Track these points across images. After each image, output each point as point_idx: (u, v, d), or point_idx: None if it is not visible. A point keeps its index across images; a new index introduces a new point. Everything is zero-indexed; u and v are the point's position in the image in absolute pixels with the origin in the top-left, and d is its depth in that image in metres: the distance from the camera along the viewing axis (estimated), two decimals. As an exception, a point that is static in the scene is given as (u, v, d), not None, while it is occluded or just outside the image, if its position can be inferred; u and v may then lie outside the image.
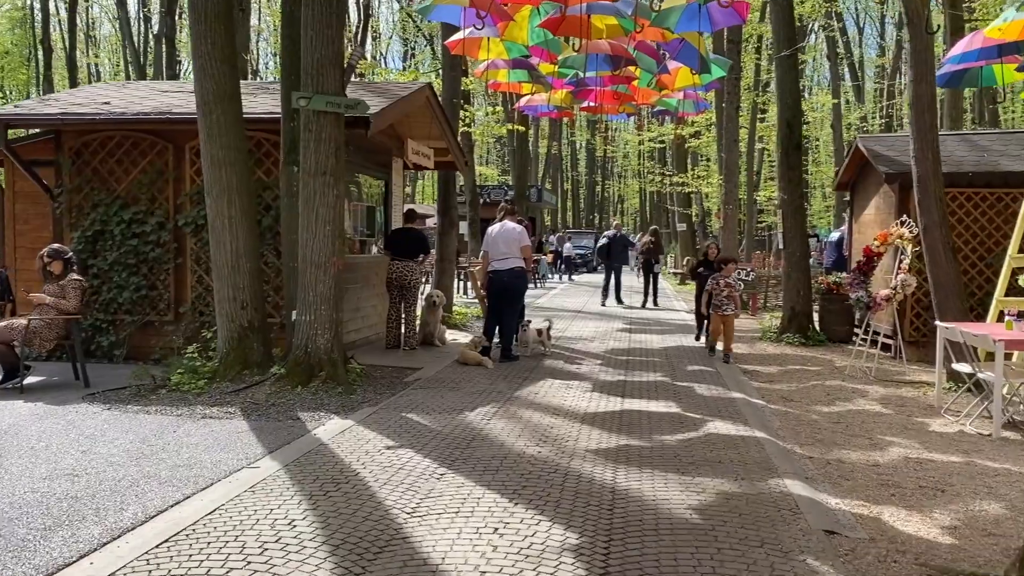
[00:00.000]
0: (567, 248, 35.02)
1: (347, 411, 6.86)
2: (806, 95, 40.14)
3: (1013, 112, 31.75)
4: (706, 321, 10.95)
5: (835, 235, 16.37)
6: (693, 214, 32.02)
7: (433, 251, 14.74)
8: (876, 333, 11.56)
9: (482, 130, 19.28)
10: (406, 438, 5.90)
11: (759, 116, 29.24)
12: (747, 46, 23.02)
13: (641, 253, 19.19)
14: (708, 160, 41.20)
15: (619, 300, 18.83)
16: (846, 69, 39.54)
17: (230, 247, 7.82)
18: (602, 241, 19.82)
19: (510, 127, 18.89)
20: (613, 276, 18.71)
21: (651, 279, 18.49)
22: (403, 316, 10.57)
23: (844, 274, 12.52)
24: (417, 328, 10.89)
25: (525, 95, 14.19)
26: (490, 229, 9.76)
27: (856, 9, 45.84)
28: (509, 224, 9.68)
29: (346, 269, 10.26)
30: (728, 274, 10.08)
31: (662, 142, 34.53)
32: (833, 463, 5.56)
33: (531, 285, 24.53)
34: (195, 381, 7.63)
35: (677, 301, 20.25)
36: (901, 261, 9.25)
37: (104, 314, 9.52)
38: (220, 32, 7.77)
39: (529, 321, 10.24)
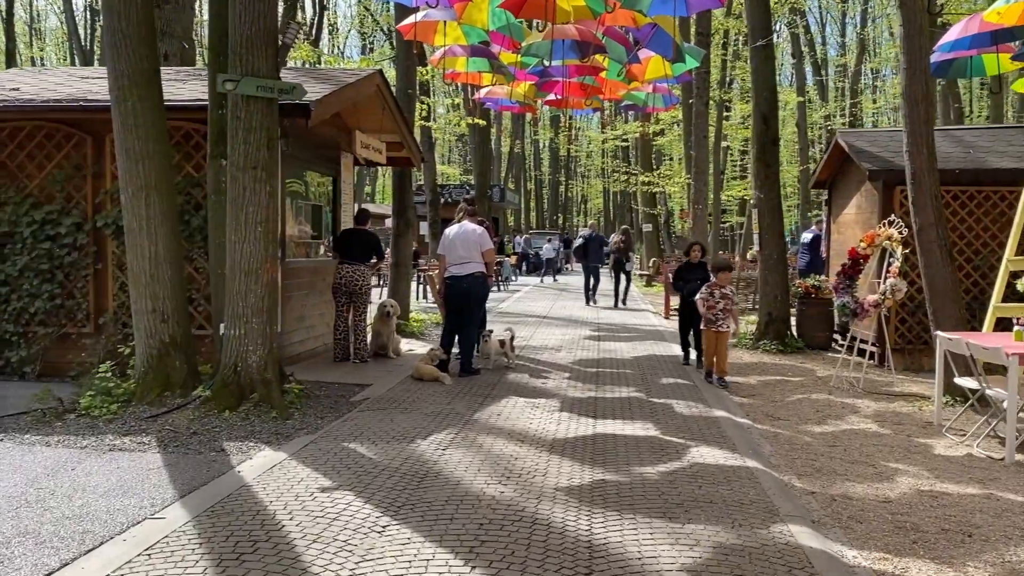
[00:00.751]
0: (547, 249, 35.15)
1: (281, 440, 5.97)
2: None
3: (980, 115, 31.81)
4: (691, 338, 9.84)
5: (807, 235, 15.81)
6: (659, 214, 31.49)
7: (389, 253, 13.86)
8: (858, 340, 10.97)
9: (441, 124, 18.42)
10: (346, 476, 5.04)
11: (724, 115, 28.81)
12: (714, 39, 22.46)
13: (612, 252, 19.16)
14: (671, 159, 40.81)
15: (592, 300, 18.79)
16: (809, 67, 39.38)
17: (148, 252, 6.87)
18: (578, 241, 19.78)
19: (470, 121, 18.04)
20: (592, 276, 18.83)
21: (621, 278, 18.48)
22: (354, 325, 9.69)
23: (822, 276, 11.92)
24: (369, 339, 10.00)
25: (485, 87, 13.41)
26: (447, 231, 8.92)
27: (819, 7, 45.81)
28: (468, 225, 8.85)
29: (289, 275, 9.36)
30: (724, 283, 8.71)
31: (626, 140, 33.96)
32: (839, 499, 4.82)
33: (494, 288, 23.73)
34: (107, 405, 6.66)
35: (644, 303, 19.58)
36: (890, 264, 8.62)
37: (13, 326, 8.48)
38: (136, 4, 6.82)
39: (491, 331, 9.42)
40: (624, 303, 18.33)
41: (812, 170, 37.46)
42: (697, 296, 8.75)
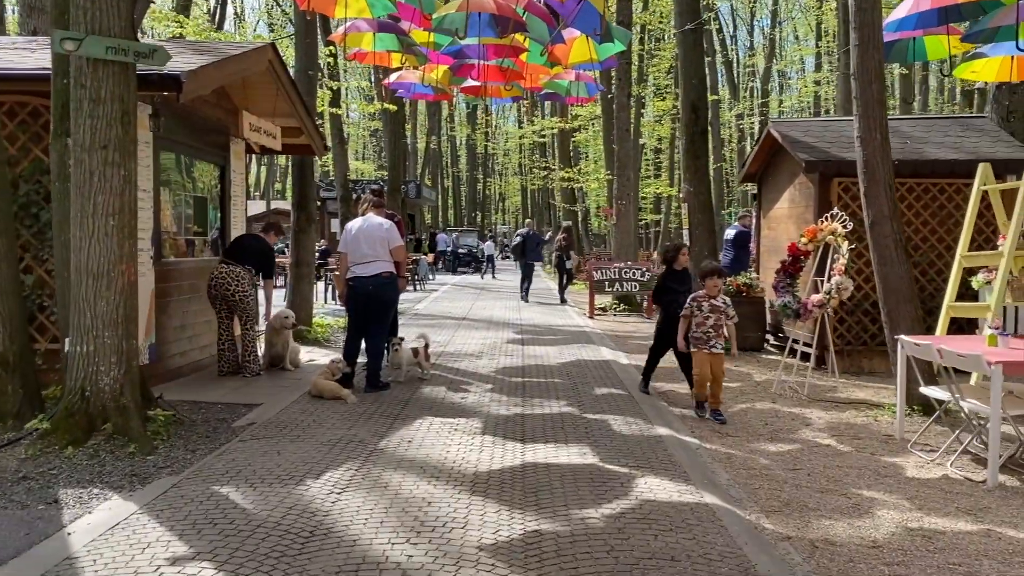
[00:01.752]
0: (487, 246, 34.90)
1: (135, 485, 4.79)
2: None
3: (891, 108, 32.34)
4: (666, 363, 8.16)
5: (730, 232, 15.30)
6: (579, 211, 30.93)
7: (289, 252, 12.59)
8: (793, 341, 10.40)
9: (349, 108, 17.14)
10: (209, 537, 3.92)
11: (639, 111, 28.42)
12: (632, 30, 21.87)
13: (555, 251, 19.47)
14: (587, 157, 40.40)
15: (524, 298, 19.19)
16: (722, 66, 39.60)
17: (-31, 251, 5.53)
18: (516, 239, 20.33)
19: (380, 106, 16.83)
20: (528, 274, 19.58)
21: (564, 276, 19.13)
22: (242, 334, 8.47)
23: (753, 273, 11.33)
24: (260, 350, 8.79)
25: (396, 70, 12.32)
26: (349, 225, 7.80)
27: (730, 8, 46.27)
28: (374, 218, 7.76)
29: (167, 277, 8.07)
30: (713, 293, 6.96)
31: (544, 136, 33.30)
32: (822, 547, 4.00)
33: (409, 288, 22.58)
34: (-87, 444, 5.32)
35: (567, 303, 18.80)
36: (835, 260, 8.00)
37: None
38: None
39: (401, 339, 8.36)
40: (564, 300, 18.82)
41: (737, 163, 37.72)
42: (683, 311, 7.09)
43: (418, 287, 23.13)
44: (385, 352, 8.15)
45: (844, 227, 7.98)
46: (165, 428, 5.84)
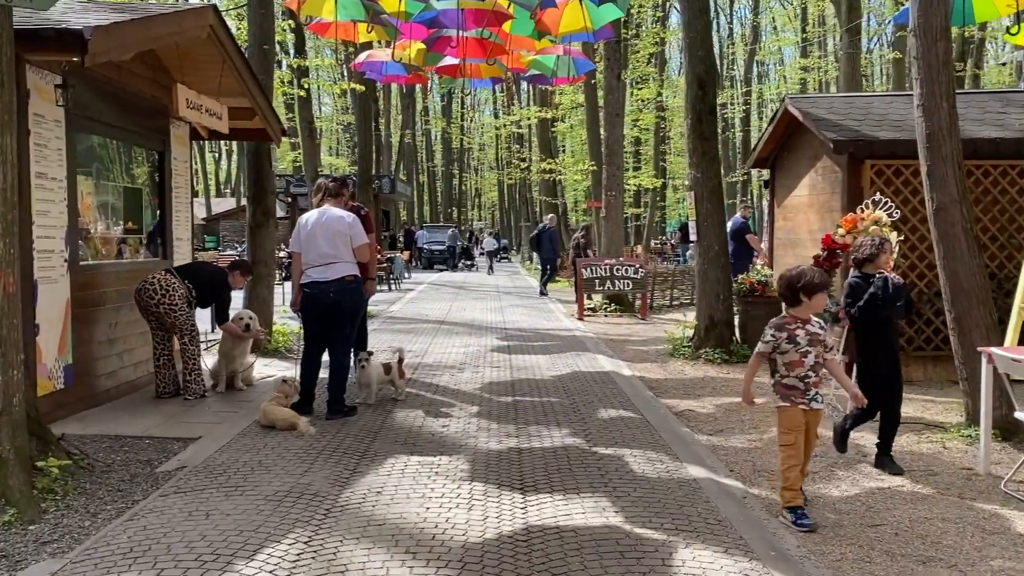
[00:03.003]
0: (488, 242, 34.59)
1: (1, 572, 3.49)
2: (672, 75, 38.96)
3: (884, 86, 31.33)
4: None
5: (729, 224, 14.15)
6: (560, 204, 29.73)
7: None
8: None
9: (317, 87, 15.77)
10: None
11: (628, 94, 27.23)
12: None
13: (573, 247, 19.56)
14: (564, 150, 39.20)
15: (543, 292, 19.48)
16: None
17: None
18: (533, 232, 21.00)
19: (346, 85, 15.45)
20: (548, 268, 19.82)
21: (547, 270, 19.71)
22: (180, 351, 7.15)
23: (768, 270, 10.17)
24: (206, 366, 7.47)
25: (366, 47, 11.08)
26: (303, 219, 6.50)
27: (710, -3, 45.28)
28: (334, 211, 6.46)
29: (89, 283, 6.73)
30: (808, 315, 4.50)
31: (522, 127, 32.05)
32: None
33: (383, 288, 21.26)
34: None
35: (552, 302, 17.58)
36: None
37: None
38: None
39: (371, 353, 7.07)
40: (543, 293, 19.38)
41: (721, 153, 36.94)
42: (759, 346, 4.58)
43: (393, 287, 21.80)
44: (352, 368, 6.87)
45: (890, 216, 6.82)
46: (62, 482, 4.52)
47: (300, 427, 5.98)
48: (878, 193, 8.15)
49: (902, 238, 7.01)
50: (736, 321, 9.83)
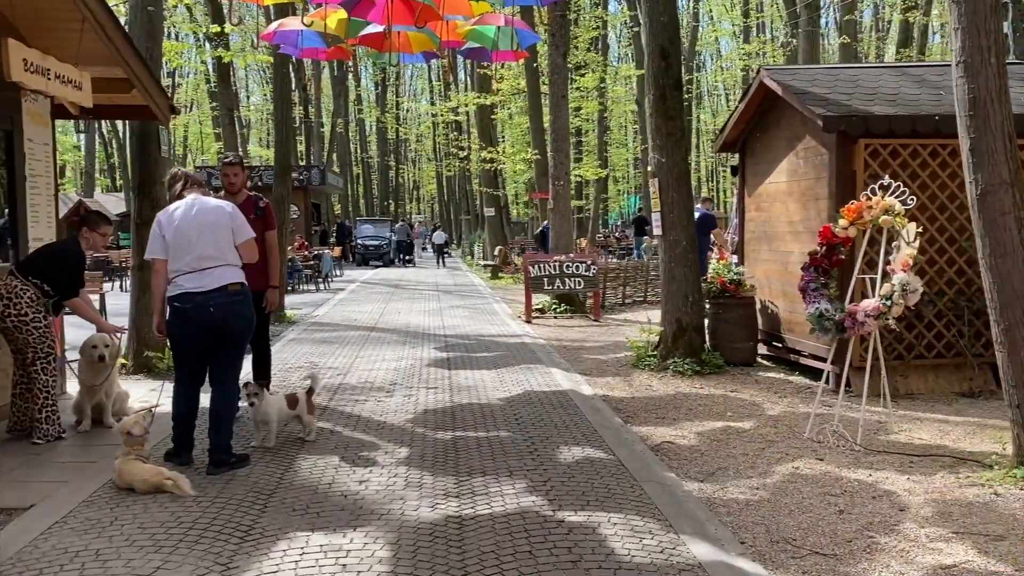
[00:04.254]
0: (437, 236, 34.05)
1: None
2: (612, 61, 37.94)
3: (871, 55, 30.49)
4: None
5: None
6: (502, 196, 28.40)
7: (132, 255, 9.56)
8: (793, 352, 8.15)
9: (231, 62, 14.00)
10: None
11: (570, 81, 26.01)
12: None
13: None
14: (505, 139, 37.85)
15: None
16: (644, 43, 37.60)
17: None
18: (538, 230, 20.45)
19: (253, 57, 13.78)
20: None
21: None
22: (30, 381, 5.59)
23: (739, 266, 9.01)
24: (57, 398, 5.88)
25: (276, 20, 9.54)
26: (164, 213, 4.97)
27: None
28: (208, 201, 4.97)
29: None
30: None
31: (459, 114, 30.59)
32: None
33: (311, 287, 19.64)
34: None
35: (497, 302, 16.24)
36: (894, 250, 5.69)
37: None
38: None
39: (262, 384, 5.57)
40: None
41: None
42: None
43: (321, 287, 20.13)
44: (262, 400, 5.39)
45: (904, 203, 5.66)
46: None
47: (171, 488, 4.50)
48: (872, 178, 7.04)
49: (921, 230, 5.86)
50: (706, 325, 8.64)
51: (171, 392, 5.12)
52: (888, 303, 5.47)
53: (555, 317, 13.40)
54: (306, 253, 21.66)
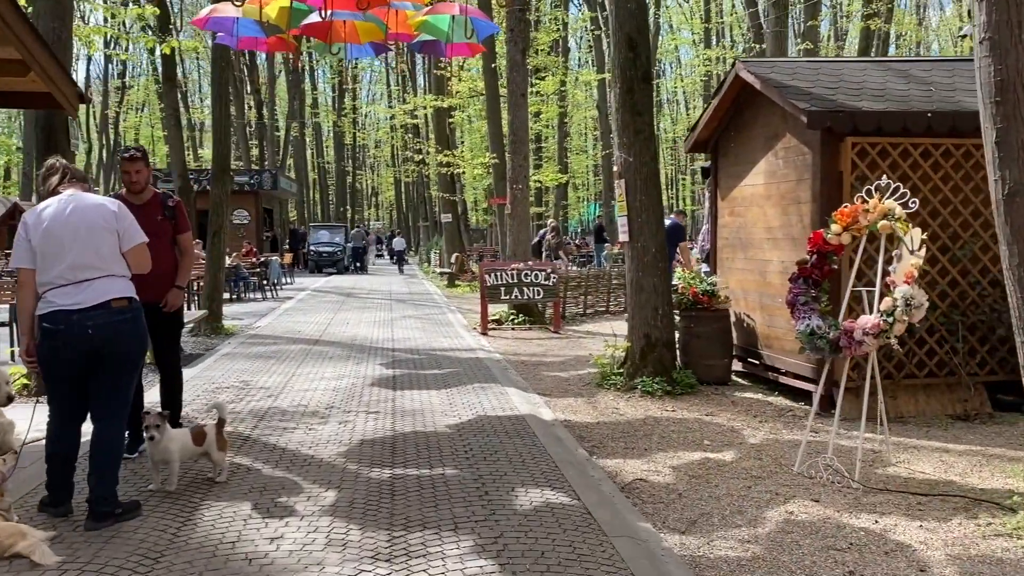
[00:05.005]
0: (397, 242, 34.36)
1: None
2: (572, 66, 37.45)
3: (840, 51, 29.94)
4: None
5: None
6: (460, 202, 27.58)
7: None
8: (771, 369, 7.48)
9: (174, 52, 13.00)
10: None
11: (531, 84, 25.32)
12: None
13: (545, 250, 19.00)
14: (464, 144, 37.09)
15: None
16: (606, 46, 37.16)
17: None
18: (535, 239, 20.03)
19: (176, 43, 12.74)
20: None
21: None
22: None
23: (711, 276, 8.33)
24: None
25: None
26: (32, 214, 4.05)
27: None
28: (87, 198, 4.08)
29: None
30: None
31: (417, 117, 29.73)
32: None
33: (258, 295, 18.62)
34: None
35: (452, 312, 15.41)
36: (893, 259, 5.02)
37: None
38: None
39: (164, 415, 4.67)
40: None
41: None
42: None
43: (269, 295, 19.08)
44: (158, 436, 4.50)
45: (906, 206, 5.01)
46: None
47: (30, 554, 3.61)
48: (860, 179, 6.42)
49: (926, 235, 5.20)
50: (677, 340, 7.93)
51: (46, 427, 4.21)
52: (890, 319, 4.80)
53: (513, 328, 12.62)
54: (253, 260, 20.60)
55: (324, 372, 8.53)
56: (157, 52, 14.75)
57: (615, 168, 7.96)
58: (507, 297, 12.14)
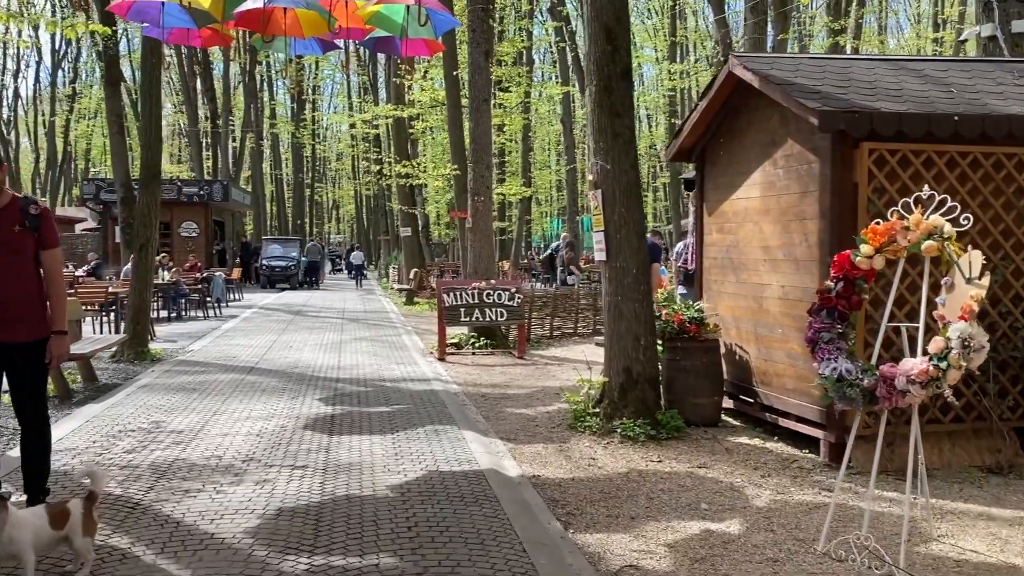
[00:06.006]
0: (355, 256, 34.72)
1: None
2: (536, 79, 36.68)
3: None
4: None
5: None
6: (421, 216, 26.46)
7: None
8: (769, 410, 6.52)
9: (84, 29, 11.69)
10: None
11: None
12: None
13: (560, 266, 18.88)
14: (426, 156, 35.98)
15: None
16: (571, 59, 36.39)
17: None
18: (546, 252, 20.51)
19: (84, 26, 11.43)
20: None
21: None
22: None
23: (701, 303, 7.36)
24: None
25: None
26: None
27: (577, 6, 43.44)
28: None
29: None
30: None
31: (377, 126, 28.62)
32: None
33: (199, 314, 17.33)
34: None
35: (407, 333, 14.27)
36: (944, 288, 4.06)
37: None
38: None
39: (6, 496, 3.50)
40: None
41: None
42: None
43: (212, 313, 17.73)
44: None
45: (957, 222, 4.06)
46: None
47: None
48: (877, 192, 5.50)
49: (988, 263, 4.25)
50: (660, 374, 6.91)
51: None
52: (943, 364, 3.83)
53: (473, 353, 11.53)
54: (198, 275, 19.24)
55: (252, 410, 7.34)
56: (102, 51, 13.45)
57: (589, 177, 6.95)
58: (467, 319, 11.06)
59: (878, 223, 4.28)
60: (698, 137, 7.46)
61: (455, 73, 17.70)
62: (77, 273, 20.04)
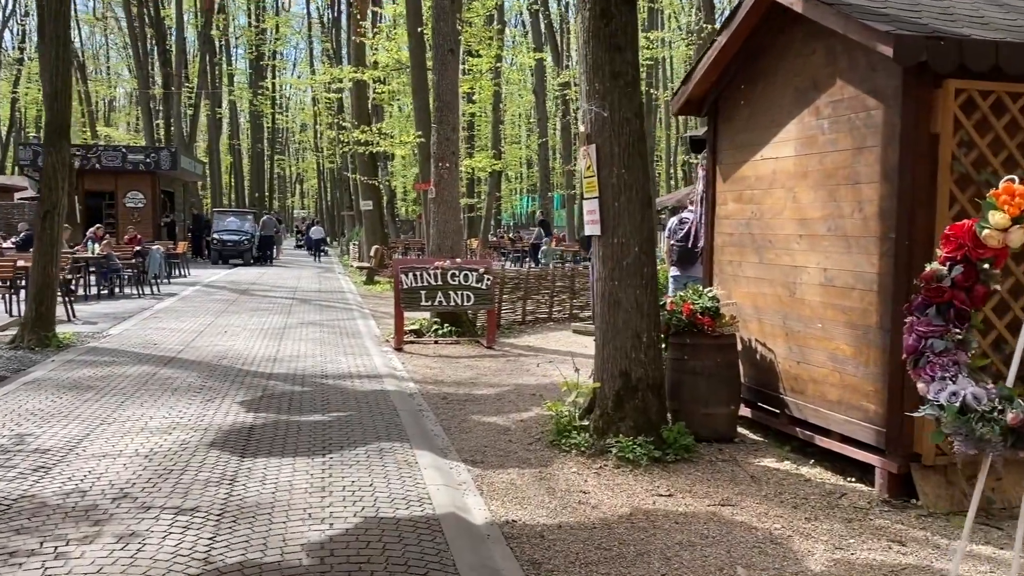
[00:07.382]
0: (315, 231, 34.54)
1: None
2: (505, 58, 35.08)
3: None
4: None
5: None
6: (386, 189, 24.81)
7: None
8: (802, 424, 5.21)
9: None
10: None
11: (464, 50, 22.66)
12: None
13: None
14: (391, 121, 34.16)
15: None
16: (544, 28, 34.77)
17: None
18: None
19: None
20: None
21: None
22: None
23: (718, 291, 5.98)
24: None
25: None
26: None
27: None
28: None
29: None
30: None
31: (341, 92, 26.82)
32: None
33: (134, 291, 15.66)
34: None
35: (363, 317, 12.78)
36: None
37: None
38: None
39: None
40: None
41: (562, 140, 32.66)
42: None
43: (148, 291, 16.01)
44: None
45: None
46: None
47: None
48: (973, 146, 4.17)
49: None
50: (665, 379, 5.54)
51: None
52: None
53: (436, 342, 10.10)
54: (137, 248, 17.48)
55: (151, 418, 5.84)
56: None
57: (580, 129, 5.52)
58: (428, 303, 9.61)
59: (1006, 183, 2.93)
60: (710, 85, 6.06)
61: (419, 30, 16.10)
62: (4, 245, 18.17)
